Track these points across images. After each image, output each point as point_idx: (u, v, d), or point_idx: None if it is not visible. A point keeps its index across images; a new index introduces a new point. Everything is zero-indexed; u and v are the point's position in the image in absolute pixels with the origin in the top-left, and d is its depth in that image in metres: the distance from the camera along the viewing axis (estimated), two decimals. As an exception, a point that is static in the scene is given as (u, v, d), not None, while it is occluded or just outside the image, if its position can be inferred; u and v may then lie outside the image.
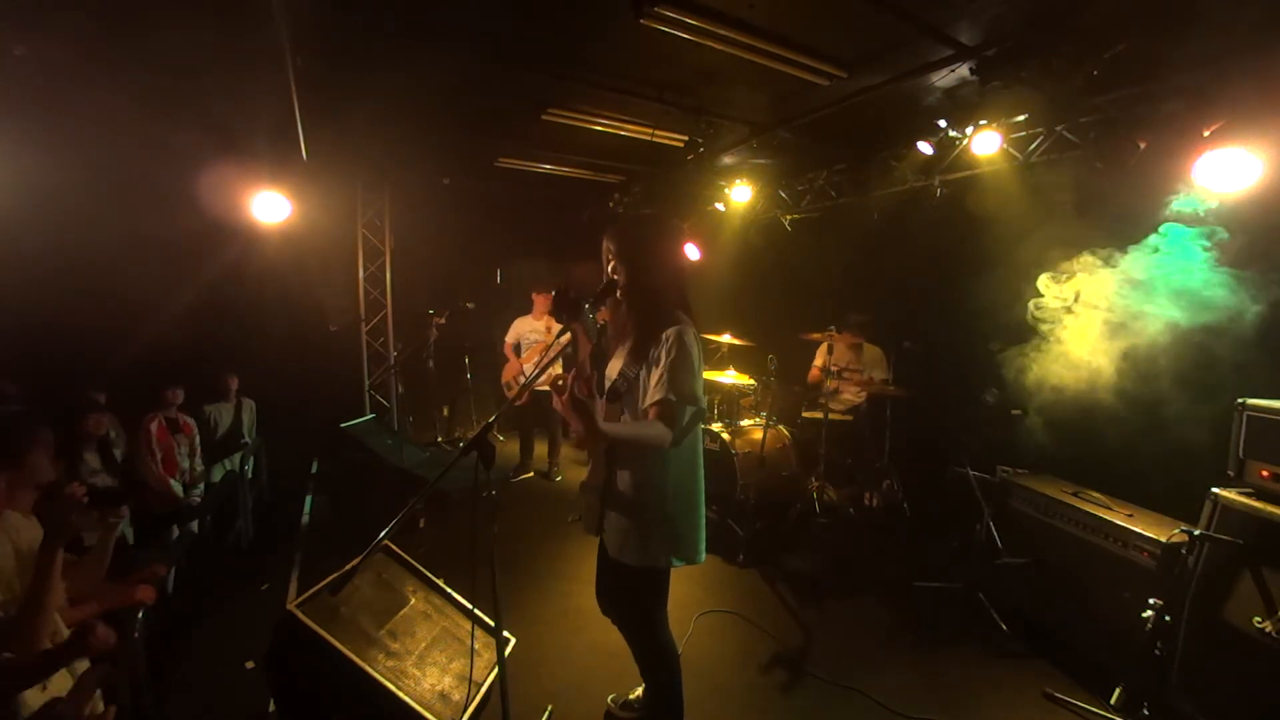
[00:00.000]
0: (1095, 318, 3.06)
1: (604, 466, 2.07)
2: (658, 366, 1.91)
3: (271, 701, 2.45)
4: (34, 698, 1.71)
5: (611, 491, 2.04)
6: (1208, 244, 2.77)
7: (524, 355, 5.48)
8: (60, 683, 1.79)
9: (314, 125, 4.02)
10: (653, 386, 1.91)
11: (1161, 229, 2.91)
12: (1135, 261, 2.94)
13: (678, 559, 2.03)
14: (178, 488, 3.93)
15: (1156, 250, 2.89)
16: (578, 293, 1.92)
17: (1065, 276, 3.19)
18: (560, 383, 1.93)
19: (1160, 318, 2.83)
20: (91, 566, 2.14)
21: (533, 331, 5.48)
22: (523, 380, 5.44)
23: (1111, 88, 3.22)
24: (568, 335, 1.98)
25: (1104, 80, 3.11)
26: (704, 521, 2.13)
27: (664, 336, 1.93)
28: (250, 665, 2.77)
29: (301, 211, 4.64)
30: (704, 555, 2.10)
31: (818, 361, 5.26)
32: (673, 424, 1.88)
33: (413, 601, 2.53)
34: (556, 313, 1.94)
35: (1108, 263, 3.06)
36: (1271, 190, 2.76)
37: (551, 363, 1.99)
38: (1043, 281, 3.25)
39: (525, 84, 3.94)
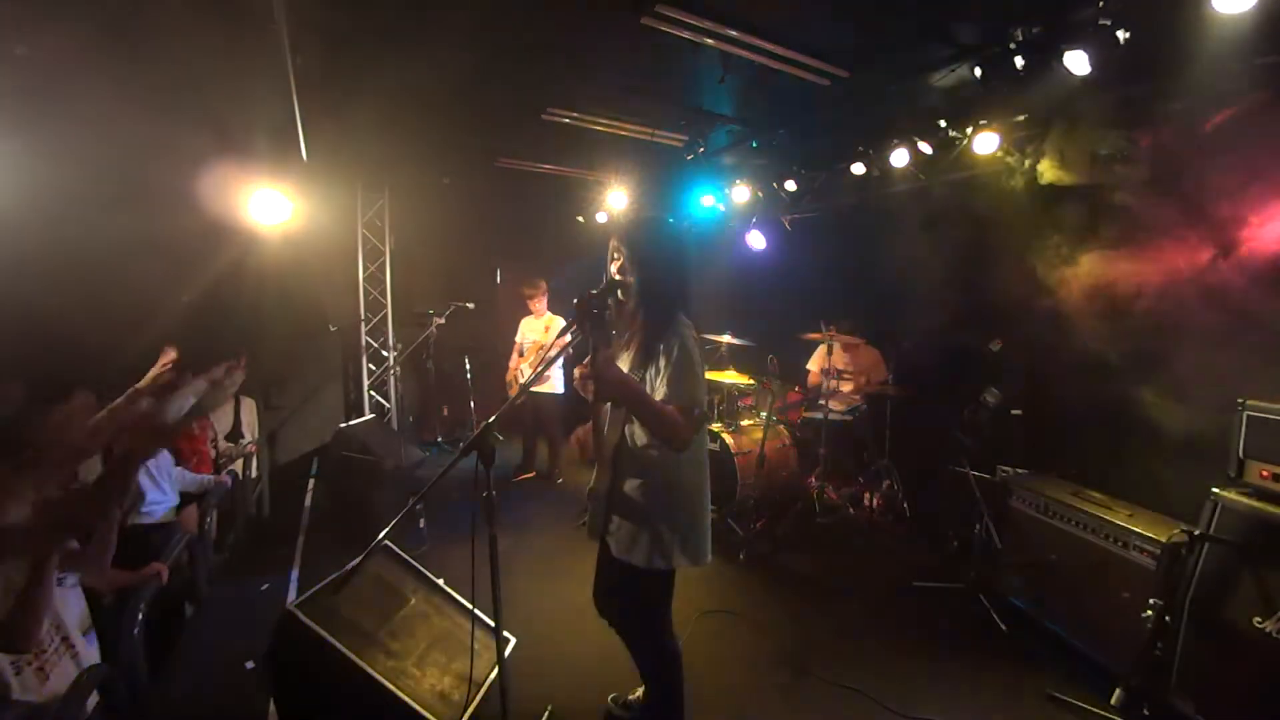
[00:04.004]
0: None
1: (609, 470, 2.07)
2: (663, 371, 1.92)
3: (271, 701, 2.45)
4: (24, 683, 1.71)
5: (617, 495, 2.04)
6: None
7: (525, 355, 5.49)
8: (59, 682, 1.79)
9: (314, 125, 4.02)
10: (659, 389, 1.91)
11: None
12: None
13: (685, 560, 2.03)
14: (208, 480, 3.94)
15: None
16: (599, 304, 1.89)
17: None
18: (580, 371, 1.91)
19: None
20: (96, 555, 2.13)
21: (532, 331, 5.48)
22: (520, 380, 5.45)
23: (1112, 87, 3.22)
24: (564, 338, 1.97)
25: (1104, 80, 3.11)
26: (709, 523, 2.13)
27: (668, 340, 1.94)
28: (250, 665, 2.77)
29: (301, 211, 4.64)
30: (709, 557, 2.11)
31: (813, 365, 5.25)
32: (690, 423, 1.88)
33: (413, 601, 2.53)
34: (580, 324, 1.91)
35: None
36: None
37: (549, 365, 1.99)
38: None
39: (525, 84, 3.94)
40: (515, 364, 5.50)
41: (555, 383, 5.33)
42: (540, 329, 5.43)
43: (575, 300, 1.88)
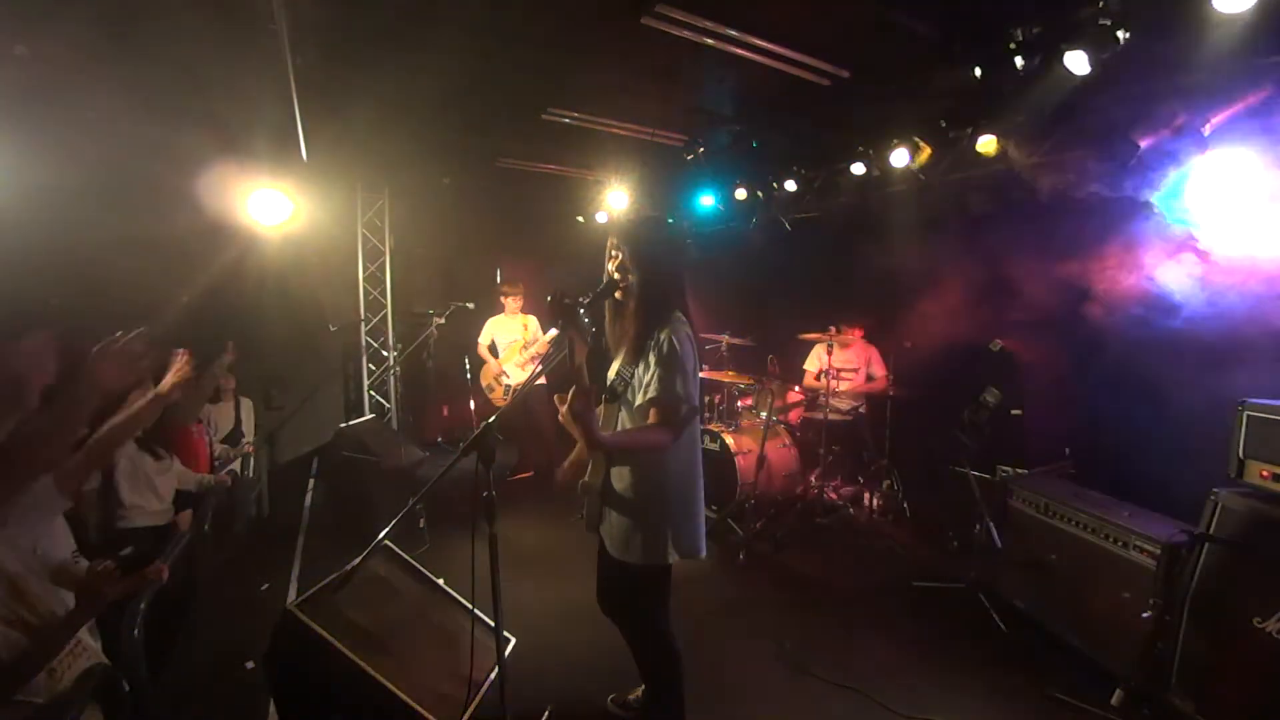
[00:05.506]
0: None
1: (603, 465, 2.07)
2: (650, 367, 1.94)
3: (271, 701, 2.45)
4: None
5: (610, 490, 2.05)
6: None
7: (502, 355, 5.47)
8: (68, 683, 1.78)
9: (314, 125, 4.02)
10: (646, 387, 1.93)
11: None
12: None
13: (680, 554, 2.04)
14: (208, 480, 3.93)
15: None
16: (572, 298, 1.91)
17: None
18: (557, 397, 1.94)
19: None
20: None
21: (508, 331, 5.46)
22: (505, 381, 5.44)
23: (1112, 88, 3.22)
24: (552, 333, 1.98)
25: (1104, 80, 3.11)
26: (703, 517, 2.14)
27: (658, 337, 1.95)
28: (250, 665, 2.77)
29: (301, 211, 4.64)
30: (704, 550, 2.12)
31: (810, 366, 5.25)
32: (669, 424, 1.90)
33: (413, 601, 2.53)
34: (552, 319, 1.94)
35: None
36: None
37: (548, 367, 2.00)
38: None
39: (525, 84, 3.94)
40: (497, 367, 5.47)
41: (540, 377, 5.31)
42: (518, 327, 5.44)
43: (549, 297, 1.89)
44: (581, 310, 1.92)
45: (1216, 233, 2.98)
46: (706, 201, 6.00)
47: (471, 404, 6.35)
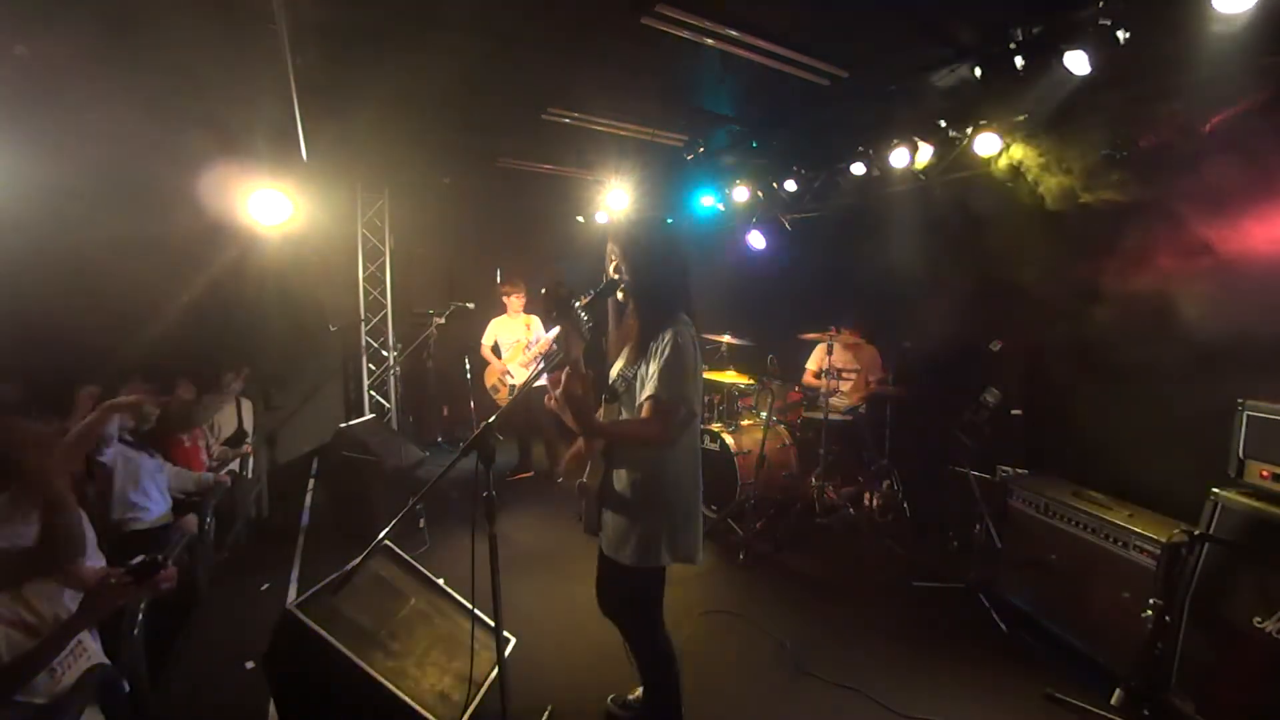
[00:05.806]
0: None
1: (601, 467, 2.07)
2: (652, 366, 1.93)
3: (271, 701, 2.45)
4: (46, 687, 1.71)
5: (608, 491, 2.05)
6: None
7: (505, 355, 5.46)
8: (69, 683, 1.78)
9: (314, 125, 4.02)
10: (646, 385, 1.93)
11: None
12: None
13: (674, 559, 2.03)
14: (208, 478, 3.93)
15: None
16: (566, 289, 1.91)
17: None
18: (551, 379, 1.93)
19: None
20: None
21: (510, 331, 5.47)
22: (509, 380, 5.43)
23: (1112, 87, 3.22)
24: (555, 332, 1.98)
25: (1105, 80, 3.11)
26: (700, 523, 2.13)
27: (661, 337, 1.95)
28: (250, 665, 2.77)
29: (301, 211, 4.65)
30: (701, 556, 2.11)
31: (811, 365, 5.25)
32: (666, 421, 1.89)
33: (413, 601, 2.53)
34: (546, 311, 1.94)
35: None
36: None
37: (550, 367, 2.00)
38: None
39: (525, 84, 3.94)
40: (501, 367, 5.47)
41: (541, 376, 5.29)
42: (520, 327, 5.44)
43: (542, 290, 1.89)
44: (577, 305, 1.91)
45: (1217, 232, 2.98)
46: (706, 201, 6.00)
47: (471, 404, 6.36)
